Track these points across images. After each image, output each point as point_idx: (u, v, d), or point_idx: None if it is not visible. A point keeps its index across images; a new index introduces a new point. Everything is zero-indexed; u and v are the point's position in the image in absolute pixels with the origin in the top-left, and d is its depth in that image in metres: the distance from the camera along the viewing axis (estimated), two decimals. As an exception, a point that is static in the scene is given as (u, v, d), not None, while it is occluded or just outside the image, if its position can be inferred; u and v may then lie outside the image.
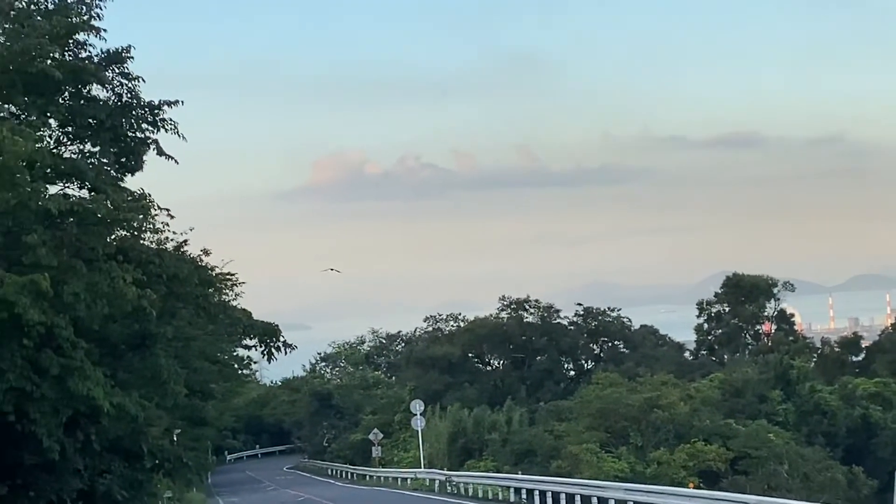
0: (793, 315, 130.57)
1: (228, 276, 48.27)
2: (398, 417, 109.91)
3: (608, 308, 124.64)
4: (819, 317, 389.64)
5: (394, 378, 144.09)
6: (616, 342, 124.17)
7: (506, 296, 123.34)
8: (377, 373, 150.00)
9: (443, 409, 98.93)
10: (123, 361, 28.51)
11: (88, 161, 27.95)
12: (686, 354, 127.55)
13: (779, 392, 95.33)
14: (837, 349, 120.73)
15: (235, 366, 72.63)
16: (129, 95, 28.34)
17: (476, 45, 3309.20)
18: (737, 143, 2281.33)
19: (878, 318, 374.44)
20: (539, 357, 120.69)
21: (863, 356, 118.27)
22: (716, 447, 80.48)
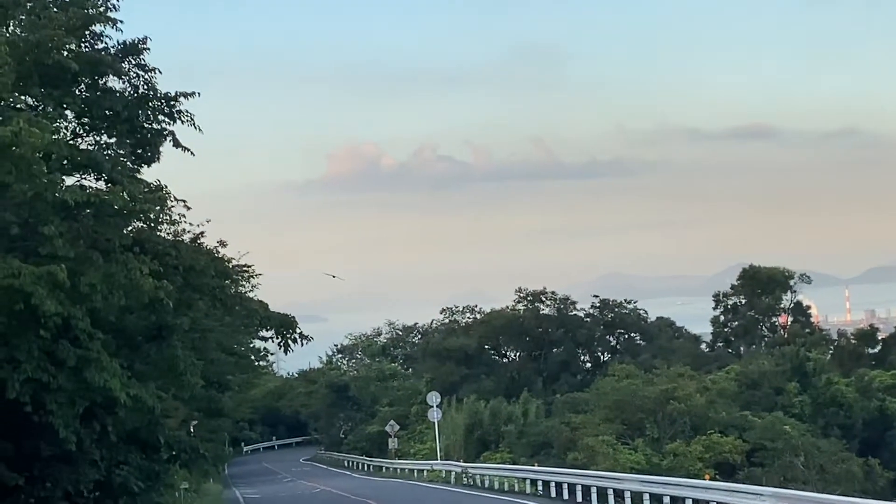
0: (809, 307, 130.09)
1: (245, 268, 48.27)
2: (414, 409, 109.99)
3: (624, 300, 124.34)
4: (835, 309, 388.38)
5: (410, 370, 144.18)
6: (632, 334, 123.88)
7: (522, 288, 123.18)
8: (394, 365, 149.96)
9: (459, 401, 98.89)
10: (140, 352, 28.52)
11: (105, 152, 27.99)
12: (702, 346, 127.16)
13: (795, 384, 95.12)
14: (854, 341, 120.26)
15: (252, 357, 72.59)
16: (146, 87, 28.36)
17: (491, 38, 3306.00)
18: (751, 136, 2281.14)
19: (895, 311, 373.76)
20: (555, 349, 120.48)
21: (879, 348, 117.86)
22: (732, 439, 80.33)
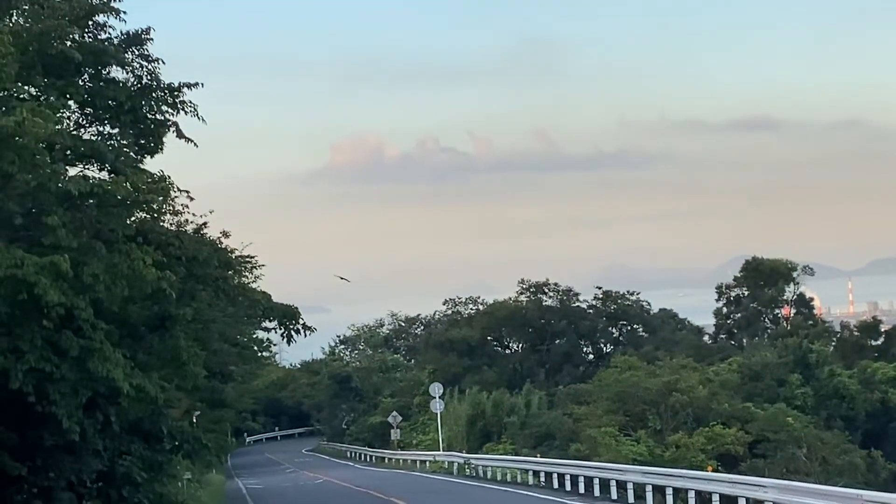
0: (812, 299, 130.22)
1: (248, 259, 48.28)
2: (417, 400, 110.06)
3: (627, 291, 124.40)
4: (838, 301, 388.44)
5: (413, 361, 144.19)
6: (635, 326, 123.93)
7: (525, 279, 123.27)
8: (396, 356, 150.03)
9: (461, 392, 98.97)
10: (143, 343, 28.51)
11: (108, 143, 27.94)
12: (705, 338, 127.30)
13: (797, 376, 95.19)
14: (857, 333, 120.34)
15: (255, 348, 72.58)
16: (149, 77, 28.30)
17: (493, 30, 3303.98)
18: (754, 127, 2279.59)
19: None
20: (558, 340, 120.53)
21: (882, 340, 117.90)
22: (734, 431, 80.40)
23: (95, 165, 26.82)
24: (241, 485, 79.80)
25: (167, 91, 28.47)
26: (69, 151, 25.49)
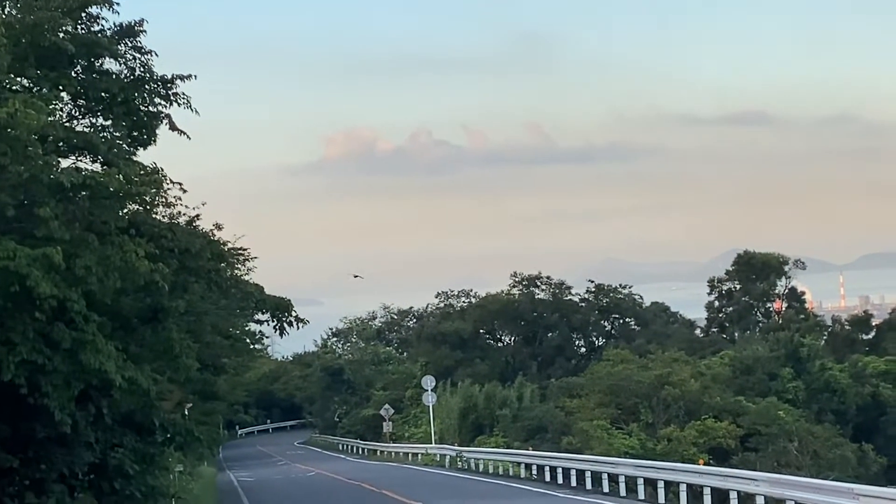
0: (803, 293, 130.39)
1: (241, 251, 48.17)
2: (409, 393, 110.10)
3: (619, 285, 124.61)
4: (830, 295, 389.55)
5: (405, 354, 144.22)
6: (627, 319, 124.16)
7: (517, 272, 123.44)
8: (388, 348, 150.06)
9: (454, 385, 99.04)
10: (135, 335, 28.45)
11: (101, 135, 27.87)
12: (697, 332, 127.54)
13: (789, 370, 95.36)
14: (848, 327, 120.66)
15: (247, 340, 72.47)
16: (142, 69, 28.22)
17: (487, 23, 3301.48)
18: (747, 121, 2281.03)
19: (889, 297, 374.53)
20: (550, 333, 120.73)
21: (873, 334, 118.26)
22: (726, 424, 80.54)
23: (88, 157, 26.74)
24: (233, 477, 79.76)
25: (160, 83, 28.40)
26: (62, 143, 25.43)
